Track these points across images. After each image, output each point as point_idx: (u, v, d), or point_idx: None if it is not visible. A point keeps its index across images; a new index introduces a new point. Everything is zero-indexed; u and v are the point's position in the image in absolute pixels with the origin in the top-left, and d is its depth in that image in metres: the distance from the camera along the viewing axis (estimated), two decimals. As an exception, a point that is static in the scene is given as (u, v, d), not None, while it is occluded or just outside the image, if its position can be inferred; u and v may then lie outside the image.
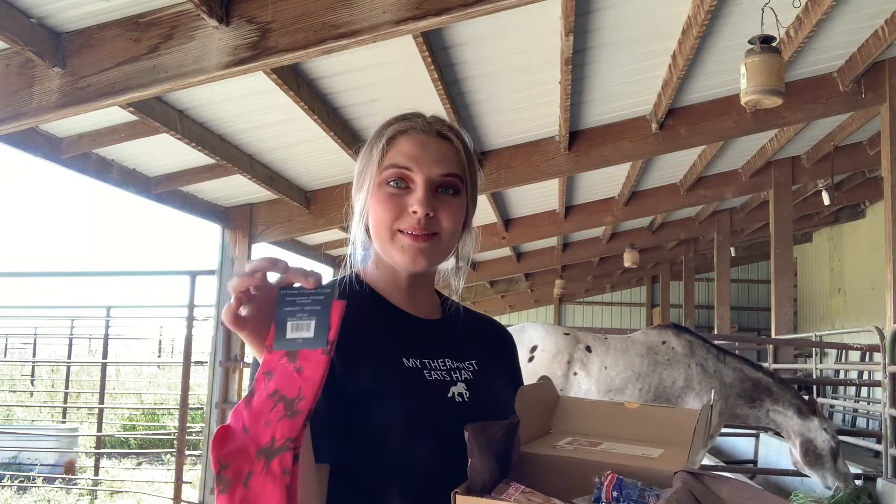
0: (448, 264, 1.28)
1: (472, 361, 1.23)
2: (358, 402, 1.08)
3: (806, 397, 5.30)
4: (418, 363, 1.16)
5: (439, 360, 1.18)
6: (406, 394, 1.11)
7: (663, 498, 0.92)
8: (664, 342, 5.21)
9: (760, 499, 0.94)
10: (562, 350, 5.17)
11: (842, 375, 10.49)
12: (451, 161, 1.17)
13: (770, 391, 5.17)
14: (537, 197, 8.87)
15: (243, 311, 0.93)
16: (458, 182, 1.18)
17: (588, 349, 5.19)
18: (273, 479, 0.86)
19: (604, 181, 8.82)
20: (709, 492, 0.93)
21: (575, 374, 5.11)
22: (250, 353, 1.16)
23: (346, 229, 1.26)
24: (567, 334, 5.31)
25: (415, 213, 1.13)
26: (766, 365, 7.94)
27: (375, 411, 1.07)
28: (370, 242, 1.21)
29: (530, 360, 5.15)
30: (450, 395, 1.15)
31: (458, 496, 0.96)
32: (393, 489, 1.08)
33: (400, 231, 1.14)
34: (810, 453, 5.17)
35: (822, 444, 5.13)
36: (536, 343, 5.23)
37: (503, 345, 1.36)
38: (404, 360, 1.15)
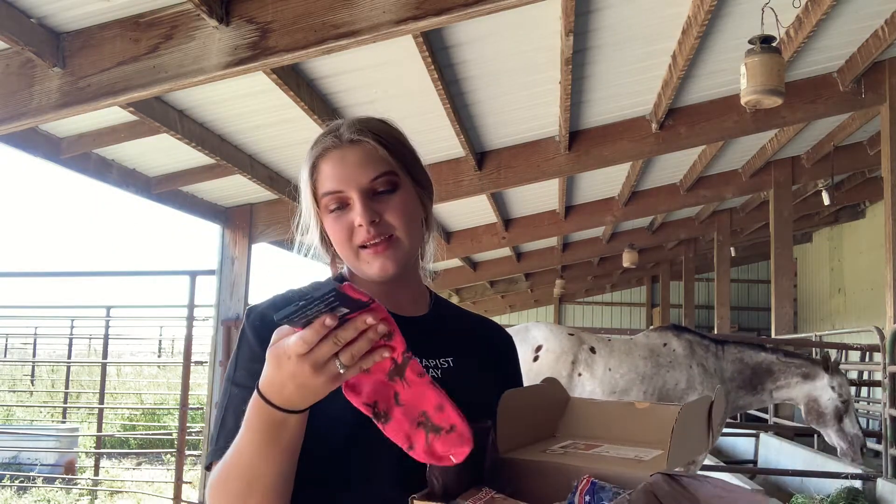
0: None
1: (449, 359, 1.21)
2: None
3: (821, 357, 5.09)
4: None
5: None
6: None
7: (615, 500, 0.89)
8: (665, 344, 5.19)
9: (737, 497, 0.92)
10: (566, 350, 5.15)
11: (842, 375, 10.47)
12: (373, 162, 1.16)
13: (770, 371, 5.02)
14: (537, 197, 8.86)
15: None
16: (390, 178, 1.17)
17: (592, 350, 5.18)
18: (416, 384, 0.96)
19: (604, 181, 8.82)
20: (685, 492, 0.90)
21: (580, 374, 5.10)
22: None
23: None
24: (571, 335, 5.30)
25: (361, 226, 1.14)
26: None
27: (326, 406, 1.02)
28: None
29: (535, 359, 5.14)
30: None
31: (415, 501, 0.95)
32: (355, 485, 1.08)
33: (360, 247, 1.16)
34: (812, 412, 5.01)
35: (827, 403, 4.94)
36: (541, 343, 5.23)
37: (495, 347, 1.33)
38: None
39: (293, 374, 0.90)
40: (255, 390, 0.94)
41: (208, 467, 1.10)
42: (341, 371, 0.90)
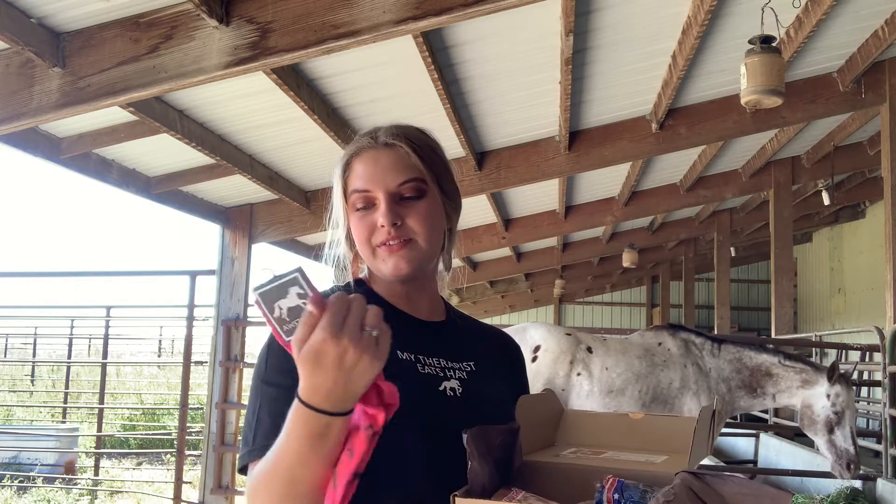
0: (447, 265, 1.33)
1: (471, 363, 1.25)
2: None
3: (829, 366, 4.88)
4: (412, 357, 1.18)
5: (434, 358, 1.20)
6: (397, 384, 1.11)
7: (660, 493, 0.91)
8: (660, 343, 5.18)
9: (761, 494, 0.93)
10: (564, 350, 5.16)
11: (842, 375, 10.46)
12: (405, 167, 1.20)
13: (770, 374, 4.90)
14: (537, 197, 8.86)
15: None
16: (419, 185, 1.20)
17: (589, 350, 5.18)
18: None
19: (604, 181, 8.81)
20: (710, 490, 0.92)
21: (578, 374, 5.10)
22: (250, 353, 1.16)
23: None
24: (569, 335, 5.32)
25: (383, 227, 1.18)
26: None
27: None
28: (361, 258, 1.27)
29: (533, 360, 5.14)
30: (441, 388, 1.17)
31: (457, 499, 0.96)
32: (383, 481, 1.08)
33: (378, 246, 1.19)
34: (805, 417, 4.88)
35: (819, 411, 4.78)
36: (539, 343, 5.23)
37: (507, 354, 1.38)
38: (398, 352, 1.16)
39: (338, 360, 0.87)
40: (297, 399, 0.91)
41: (243, 469, 1.09)
42: (374, 334, 0.88)
